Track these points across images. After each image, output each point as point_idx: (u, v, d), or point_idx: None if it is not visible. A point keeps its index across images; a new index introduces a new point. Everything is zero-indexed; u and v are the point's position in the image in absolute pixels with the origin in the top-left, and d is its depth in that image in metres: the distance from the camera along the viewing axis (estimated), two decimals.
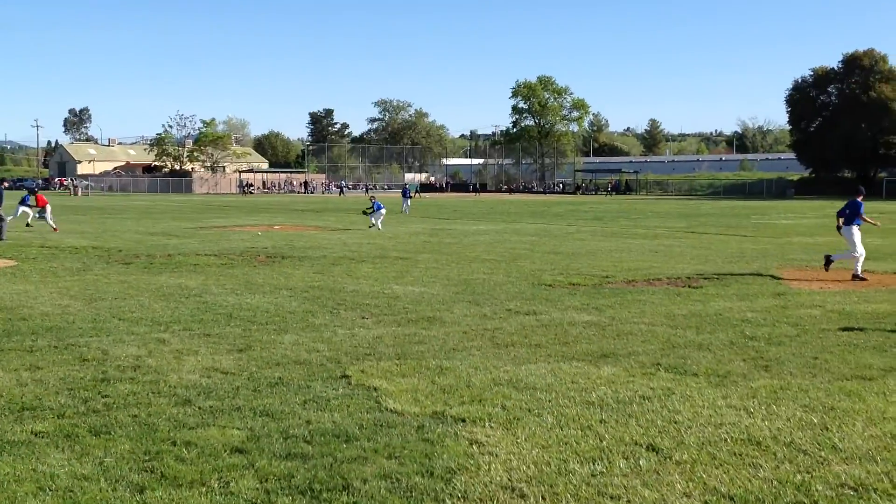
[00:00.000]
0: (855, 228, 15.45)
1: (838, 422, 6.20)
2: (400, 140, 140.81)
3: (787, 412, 6.47)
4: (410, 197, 48.92)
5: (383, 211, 30.39)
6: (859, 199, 15.80)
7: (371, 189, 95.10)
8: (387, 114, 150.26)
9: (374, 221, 30.02)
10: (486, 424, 6.20)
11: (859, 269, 15.10)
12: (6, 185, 26.03)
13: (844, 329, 10.01)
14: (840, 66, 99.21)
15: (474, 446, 5.72)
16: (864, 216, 15.86)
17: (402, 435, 5.97)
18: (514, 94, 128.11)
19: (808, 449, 5.60)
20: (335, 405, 6.72)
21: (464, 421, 6.29)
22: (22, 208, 30.49)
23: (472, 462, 5.41)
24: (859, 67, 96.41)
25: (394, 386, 7.35)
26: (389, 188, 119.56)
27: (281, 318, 10.79)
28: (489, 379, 7.59)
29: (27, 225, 29.76)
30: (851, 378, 7.58)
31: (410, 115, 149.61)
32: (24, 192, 33.35)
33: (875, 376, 7.62)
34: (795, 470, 5.21)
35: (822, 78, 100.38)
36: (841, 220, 15.92)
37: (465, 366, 8.13)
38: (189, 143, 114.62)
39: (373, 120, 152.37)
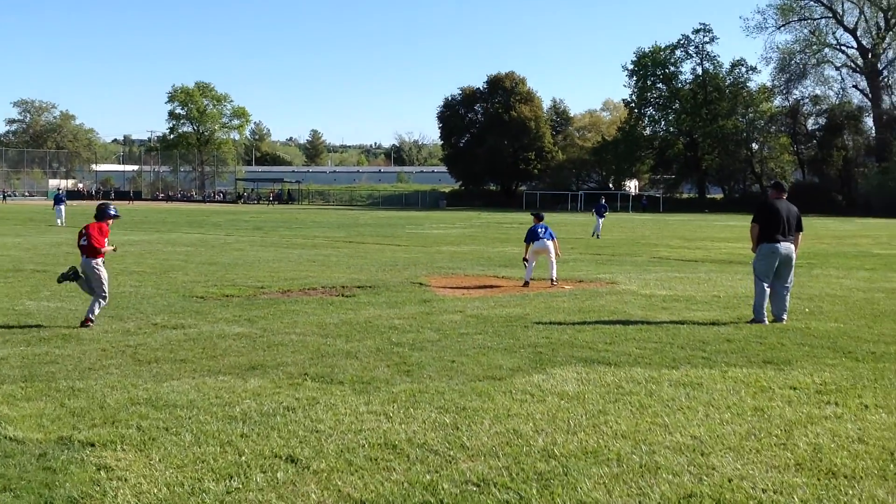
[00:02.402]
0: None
1: (468, 421, 6.56)
2: (43, 144, 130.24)
3: (424, 414, 6.75)
4: (64, 203, 44.85)
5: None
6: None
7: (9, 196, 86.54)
8: (28, 115, 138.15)
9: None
10: (118, 447, 5.84)
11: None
12: None
13: (480, 332, 10.68)
14: (485, 86, 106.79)
15: (102, 472, 5.36)
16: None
17: (20, 465, 5.46)
18: (171, 100, 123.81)
19: (439, 449, 5.87)
20: None
21: (93, 445, 5.88)
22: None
23: (97, 489, 5.06)
24: (502, 88, 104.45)
25: (16, 412, 6.72)
26: (31, 195, 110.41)
27: None
28: (126, 398, 7.18)
29: None
30: (483, 379, 8.08)
31: (55, 118, 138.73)
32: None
33: (504, 376, 8.18)
34: (425, 470, 5.43)
35: (469, 97, 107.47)
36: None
37: (101, 385, 7.63)
38: None
39: (11, 121, 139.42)
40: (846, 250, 28.04)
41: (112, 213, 11.80)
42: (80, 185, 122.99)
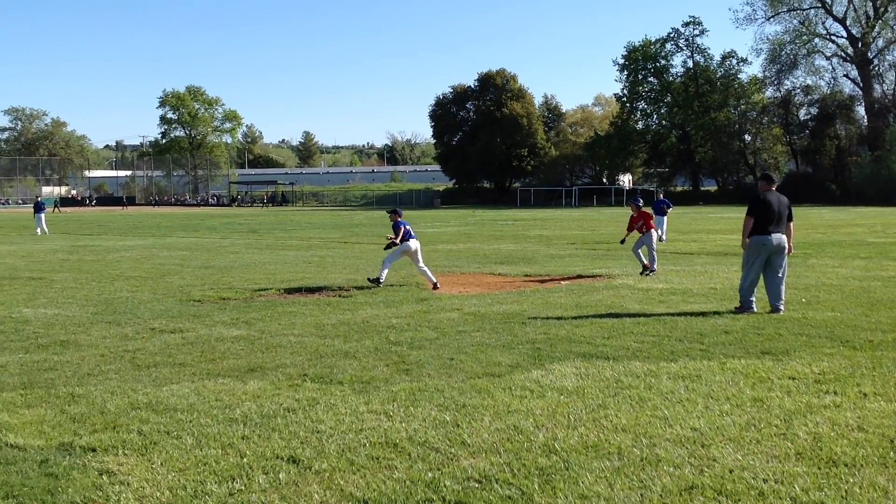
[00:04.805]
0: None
1: (468, 418, 6.57)
2: (35, 151, 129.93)
3: (424, 412, 6.76)
4: (44, 211, 44.56)
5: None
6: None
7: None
8: (19, 123, 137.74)
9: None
10: (120, 452, 5.85)
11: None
12: None
13: (478, 330, 10.69)
14: (476, 84, 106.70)
15: (104, 476, 5.36)
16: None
17: (22, 472, 5.46)
18: (162, 104, 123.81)
19: (440, 446, 5.88)
20: None
21: (94, 450, 5.88)
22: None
23: (100, 494, 5.07)
24: (493, 86, 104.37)
25: (17, 419, 6.71)
26: (25, 202, 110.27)
27: None
28: (126, 403, 7.18)
29: None
30: (483, 376, 8.09)
31: (47, 125, 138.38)
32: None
33: (503, 373, 8.19)
34: (427, 468, 5.44)
35: (460, 95, 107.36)
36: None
37: (101, 391, 7.63)
38: None
39: (3, 129, 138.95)
40: (841, 239, 28.09)
41: (639, 202, 18.23)
42: (74, 192, 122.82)
